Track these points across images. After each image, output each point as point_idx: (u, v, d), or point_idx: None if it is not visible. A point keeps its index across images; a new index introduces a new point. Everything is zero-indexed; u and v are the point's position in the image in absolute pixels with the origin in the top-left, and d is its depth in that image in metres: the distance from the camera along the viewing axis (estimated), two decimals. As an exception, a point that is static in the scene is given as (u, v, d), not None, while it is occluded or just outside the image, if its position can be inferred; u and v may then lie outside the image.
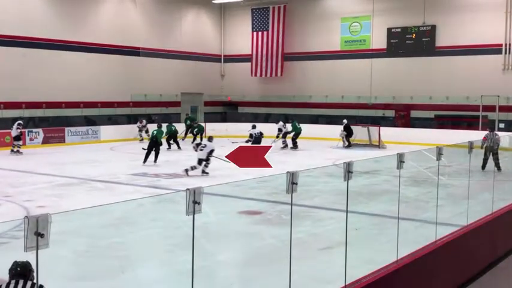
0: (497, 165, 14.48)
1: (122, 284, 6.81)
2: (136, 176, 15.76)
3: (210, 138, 17.26)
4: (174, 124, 23.76)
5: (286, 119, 26.13)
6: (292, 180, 4.47)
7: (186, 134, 26.63)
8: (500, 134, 17.98)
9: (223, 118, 34.13)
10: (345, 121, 25.16)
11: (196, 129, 25.94)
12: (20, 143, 21.41)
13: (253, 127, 23.15)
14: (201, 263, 6.96)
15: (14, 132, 21.09)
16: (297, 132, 24.08)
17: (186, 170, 15.81)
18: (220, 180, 14.16)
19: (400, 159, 6.02)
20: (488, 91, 26.37)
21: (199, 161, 16.10)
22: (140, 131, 26.95)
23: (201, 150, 16.20)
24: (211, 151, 16.10)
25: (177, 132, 23.91)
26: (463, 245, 7.24)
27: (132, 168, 17.37)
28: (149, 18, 31.08)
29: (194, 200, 3.53)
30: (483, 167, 15.04)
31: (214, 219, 9.15)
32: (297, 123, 24.21)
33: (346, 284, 5.03)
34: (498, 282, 7.54)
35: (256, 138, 22.19)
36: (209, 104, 34.72)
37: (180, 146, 23.19)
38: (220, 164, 18.96)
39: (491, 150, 15.53)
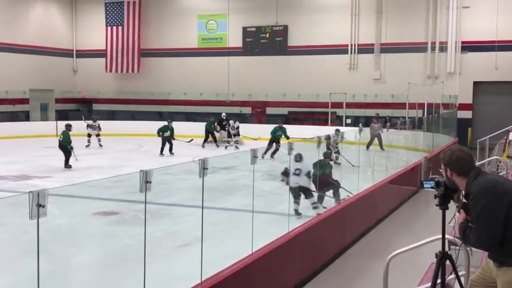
0: (380, 145, 18.30)
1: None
2: (-21, 179, 14.56)
3: None
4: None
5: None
6: (146, 178, 4.39)
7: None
8: (348, 128, 19.94)
9: (77, 116, 32.63)
10: (224, 114, 25.56)
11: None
12: None
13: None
14: (53, 268, 6.61)
15: None
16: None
17: None
18: (74, 181, 13.53)
19: (254, 154, 6.18)
20: (337, 89, 28.07)
21: None
22: None
23: None
24: None
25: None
26: (313, 234, 7.62)
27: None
28: (-8, 9, 28.83)
29: (38, 203, 3.32)
30: (367, 147, 18.05)
31: (67, 221, 8.75)
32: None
33: (202, 280, 5.06)
34: (346, 268, 8.05)
35: None
36: (61, 101, 33.02)
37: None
38: (74, 164, 18.19)
39: (377, 135, 18.87)
